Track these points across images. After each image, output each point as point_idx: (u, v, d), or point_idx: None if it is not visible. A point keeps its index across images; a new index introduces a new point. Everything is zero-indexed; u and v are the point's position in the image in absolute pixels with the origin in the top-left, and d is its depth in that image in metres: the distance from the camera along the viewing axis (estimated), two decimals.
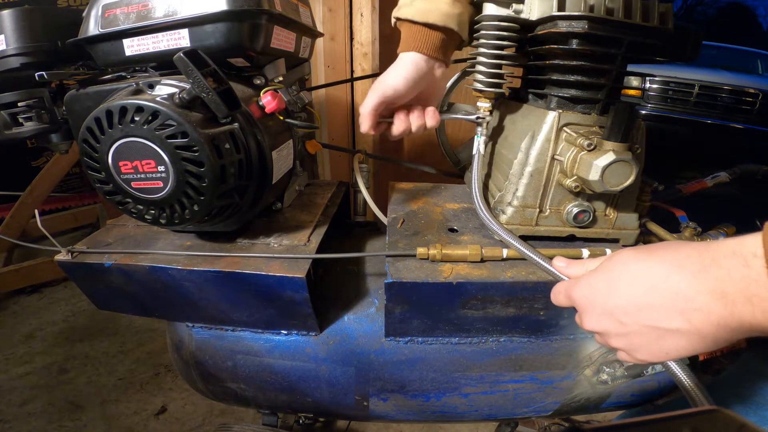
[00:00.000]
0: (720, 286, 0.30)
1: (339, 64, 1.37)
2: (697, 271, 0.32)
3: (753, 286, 0.29)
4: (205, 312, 0.59)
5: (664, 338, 0.34)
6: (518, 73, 0.67)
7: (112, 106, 0.44)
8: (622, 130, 0.46)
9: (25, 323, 1.62)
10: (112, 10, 0.51)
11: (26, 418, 1.22)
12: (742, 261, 0.29)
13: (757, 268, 0.28)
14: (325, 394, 0.62)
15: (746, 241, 0.30)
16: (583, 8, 0.48)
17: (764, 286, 0.28)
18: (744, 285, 0.29)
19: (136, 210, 0.49)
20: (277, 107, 0.55)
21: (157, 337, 1.56)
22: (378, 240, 0.73)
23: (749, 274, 0.29)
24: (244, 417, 1.24)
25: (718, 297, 0.30)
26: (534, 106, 0.58)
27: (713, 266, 0.31)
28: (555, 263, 0.48)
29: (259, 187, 0.55)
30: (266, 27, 0.53)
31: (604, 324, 0.38)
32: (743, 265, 0.29)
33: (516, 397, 0.63)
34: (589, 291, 0.39)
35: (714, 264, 0.31)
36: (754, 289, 0.29)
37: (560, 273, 0.48)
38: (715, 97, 2.94)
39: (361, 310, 0.61)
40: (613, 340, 0.38)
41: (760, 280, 0.28)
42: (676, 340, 0.33)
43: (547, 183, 0.55)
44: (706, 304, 0.31)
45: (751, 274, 0.29)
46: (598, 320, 0.38)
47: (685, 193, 0.76)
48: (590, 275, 0.40)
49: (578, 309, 0.41)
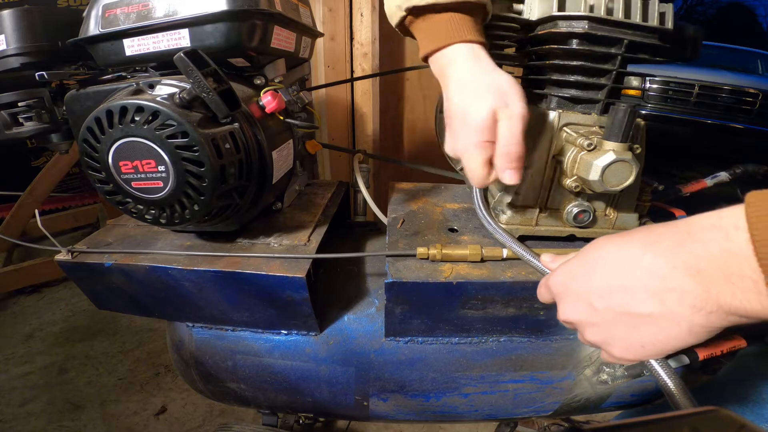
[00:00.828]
0: (695, 261, 0.27)
1: (339, 64, 1.37)
2: (673, 246, 0.29)
3: (733, 262, 0.26)
4: (205, 312, 0.59)
5: (638, 327, 0.31)
6: (518, 73, 0.67)
7: (113, 105, 0.44)
8: (622, 130, 0.46)
9: (25, 323, 1.62)
10: (113, 10, 0.51)
11: (26, 418, 1.22)
12: (721, 234, 0.26)
13: (738, 242, 0.25)
14: (325, 394, 0.62)
15: (725, 213, 0.27)
16: (583, 8, 0.48)
17: (746, 262, 0.25)
18: (722, 261, 0.26)
19: (136, 210, 0.49)
20: (277, 107, 0.55)
21: (157, 337, 1.56)
22: (378, 240, 0.73)
23: (729, 247, 0.26)
24: (244, 417, 1.24)
25: (693, 274, 0.27)
26: (534, 106, 0.58)
27: (689, 240, 0.28)
28: (542, 258, 0.48)
29: (259, 187, 0.55)
30: (266, 27, 0.53)
31: (579, 311, 0.36)
32: (723, 238, 0.26)
33: (516, 397, 0.63)
34: (564, 277, 0.38)
35: (690, 238, 0.28)
36: (733, 266, 0.26)
37: (546, 268, 0.47)
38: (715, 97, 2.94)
39: (361, 310, 0.61)
40: (588, 332, 0.36)
41: (741, 254, 0.25)
42: (650, 328, 0.31)
43: (547, 183, 0.55)
44: (681, 283, 0.28)
45: (732, 248, 0.26)
46: (573, 307, 0.36)
47: (685, 193, 0.76)
48: (567, 262, 0.38)
49: (555, 298, 0.39)
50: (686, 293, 0.28)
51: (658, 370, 0.41)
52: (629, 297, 0.31)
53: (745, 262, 0.25)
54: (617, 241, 0.34)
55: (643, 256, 0.31)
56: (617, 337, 0.33)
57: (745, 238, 0.25)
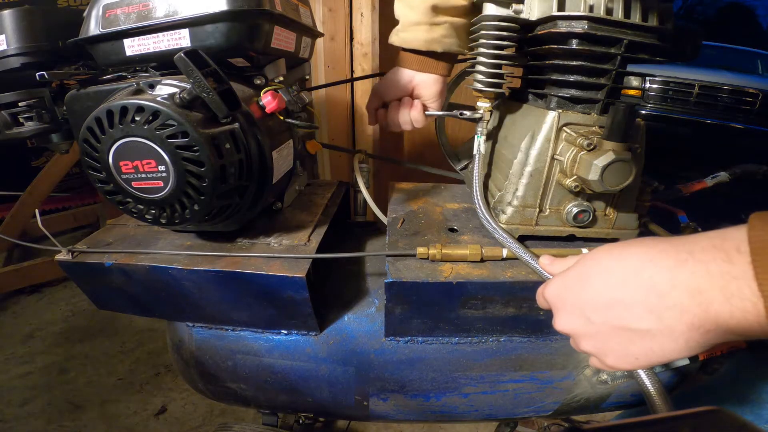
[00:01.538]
0: (696, 281, 0.28)
1: (339, 64, 1.37)
2: (673, 266, 0.29)
3: (733, 284, 0.26)
4: (205, 312, 0.59)
5: (634, 341, 0.32)
6: (518, 73, 0.67)
7: (113, 105, 0.44)
8: (621, 130, 0.46)
9: (25, 323, 1.62)
10: (113, 10, 0.51)
11: (26, 418, 1.22)
12: (723, 256, 0.27)
13: (740, 265, 0.26)
14: (325, 394, 0.62)
15: (728, 235, 0.27)
16: (582, 8, 0.48)
17: (747, 285, 0.25)
18: (723, 282, 0.26)
19: (136, 210, 0.49)
20: (278, 107, 0.55)
21: (157, 337, 1.56)
22: (378, 240, 0.73)
23: (730, 270, 0.26)
24: (244, 417, 1.24)
25: (693, 294, 0.28)
26: (534, 106, 0.58)
27: (690, 260, 0.28)
28: (540, 261, 0.48)
29: (259, 187, 0.55)
30: (266, 27, 0.53)
31: (574, 322, 0.36)
32: (724, 260, 0.26)
33: (516, 397, 0.63)
34: (560, 288, 0.38)
35: (691, 258, 0.28)
36: (734, 288, 0.26)
37: (544, 270, 0.48)
38: (715, 97, 2.94)
39: (361, 310, 0.61)
40: (583, 342, 0.36)
41: (743, 278, 0.25)
42: (646, 343, 0.31)
43: (546, 183, 0.55)
44: (680, 302, 0.28)
45: (733, 271, 0.26)
46: (569, 318, 0.36)
47: (685, 193, 0.76)
48: (564, 273, 0.38)
49: (551, 308, 0.40)
50: (685, 312, 0.28)
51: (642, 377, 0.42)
52: (626, 312, 0.31)
53: (745, 285, 0.25)
54: (615, 254, 0.34)
55: (642, 272, 0.31)
56: (612, 349, 0.34)
57: (746, 261, 0.25)
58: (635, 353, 0.32)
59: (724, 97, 2.93)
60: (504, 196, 0.58)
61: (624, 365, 0.34)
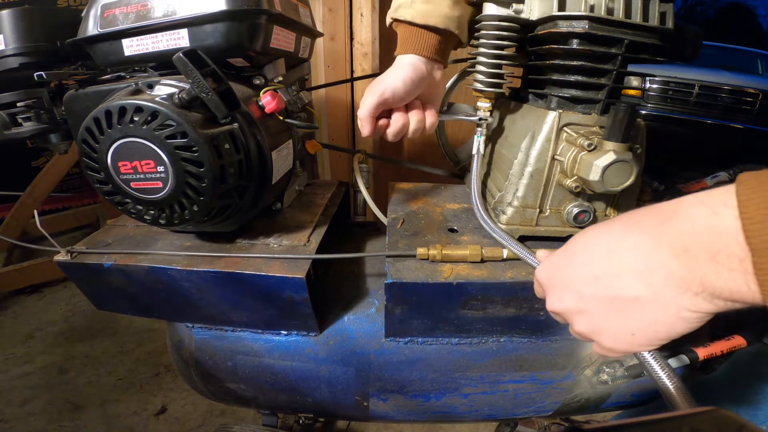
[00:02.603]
0: (681, 239, 0.26)
1: (339, 64, 1.37)
2: (657, 225, 0.28)
3: (719, 240, 0.25)
4: (204, 312, 0.58)
5: (626, 312, 0.31)
6: (518, 73, 0.67)
7: (112, 106, 0.43)
8: (622, 130, 0.46)
9: (25, 323, 1.62)
10: (111, 10, 0.51)
11: (26, 418, 1.22)
12: (708, 210, 0.25)
13: (726, 218, 0.24)
14: (325, 394, 0.62)
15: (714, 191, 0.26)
16: (583, 8, 0.48)
17: (734, 240, 0.24)
18: (708, 239, 0.25)
19: (135, 210, 0.49)
20: (277, 107, 0.54)
21: (157, 337, 1.56)
22: (378, 240, 0.73)
23: (717, 225, 0.25)
24: (244, 417, 1.24)
25: (677, 252, 0.27)
26: (534, 106, 0.58)
27: (675, 217, 0.27)
28: (537, 254, 0.49)
29: (259, 188, 0.55)
30: (266, 27, 0.53)
31: (565, 300, 0.35)
32: (710, 214, 0.25)
33: (516, 397, 0.63)
34: (549, 268, 0.38)
35: (676, 215, 0.27)
36: (719, 244, 0.25)
37: (537, 261, 0.48)
38: (715, 97, 2.94)
39: (361, 310, 0.61)
40: (577, 321, 0.35)
41: (729, 231, 0.24)
42: (638, 313, 0.30)
43: (547, 183, 0.55)
44: (666, 262, 0.27)
45: (719, 225, 0.25)
46: (560, 297, 0.36)
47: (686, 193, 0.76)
48: (553, 253, 0.38)
49: (544, 290, 0.39)
50: (671, 273, 0.27)
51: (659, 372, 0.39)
52: (614, 280, 0.31)
53: (732, 240, 0.24)
54: (600, 227, 0.34)
55: (626, 237, 0.30)
56: (606, 326, 0.33)
57: (733, 215, 0.24)
58: (630, 328, 0.31)
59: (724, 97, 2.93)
60: (504, 197, 0.58)
61: (622, 345, 0.33)
